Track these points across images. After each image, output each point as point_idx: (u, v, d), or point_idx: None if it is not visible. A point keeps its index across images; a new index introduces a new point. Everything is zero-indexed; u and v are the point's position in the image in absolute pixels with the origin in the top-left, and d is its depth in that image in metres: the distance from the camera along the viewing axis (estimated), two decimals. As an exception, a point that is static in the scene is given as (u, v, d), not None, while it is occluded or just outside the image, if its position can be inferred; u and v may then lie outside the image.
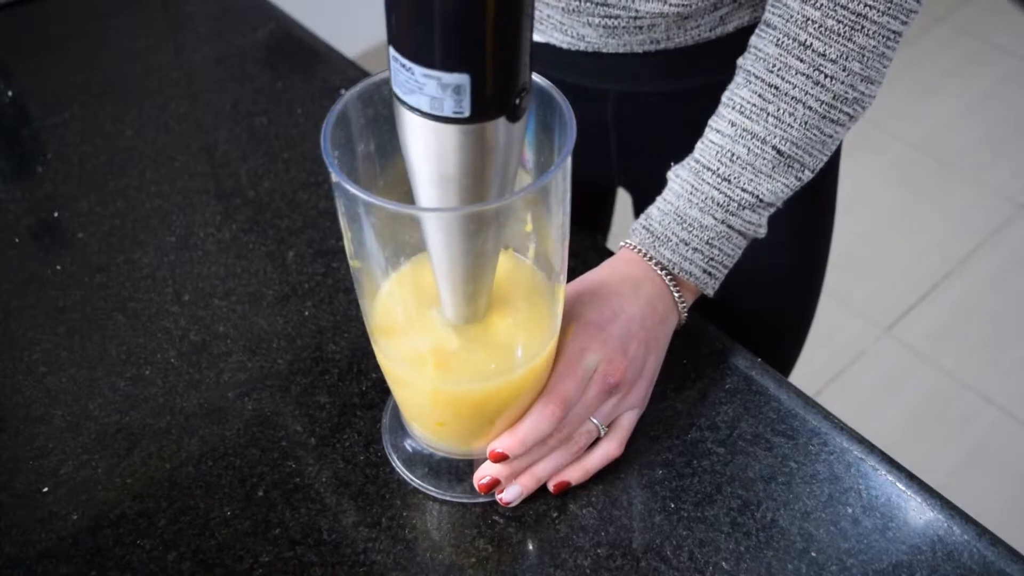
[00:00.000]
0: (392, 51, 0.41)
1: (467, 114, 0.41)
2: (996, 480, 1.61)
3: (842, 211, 0.91)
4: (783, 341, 0.91)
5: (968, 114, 2.32)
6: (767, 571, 0.56)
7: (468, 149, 0.43)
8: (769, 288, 0.85)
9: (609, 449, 0.60)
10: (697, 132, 0.65)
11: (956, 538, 0.57)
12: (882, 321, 1.86)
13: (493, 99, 0.41)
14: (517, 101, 0.42)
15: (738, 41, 0.68)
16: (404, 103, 0.42)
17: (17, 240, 0.78)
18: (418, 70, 0.40)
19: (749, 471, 0.60)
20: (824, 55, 0.60)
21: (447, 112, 0.41)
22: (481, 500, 0.59)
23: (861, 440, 0.62)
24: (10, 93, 0.94)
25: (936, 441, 1.67)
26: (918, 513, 0.58)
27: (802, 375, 0.88)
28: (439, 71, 0.40)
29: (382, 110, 0.49)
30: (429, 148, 0.43)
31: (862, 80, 0.61)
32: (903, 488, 0.59)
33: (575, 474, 0.59)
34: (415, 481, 0.60)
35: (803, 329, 0.92)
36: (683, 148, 0.66)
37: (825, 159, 0.64)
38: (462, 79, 0.40)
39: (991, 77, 2.42)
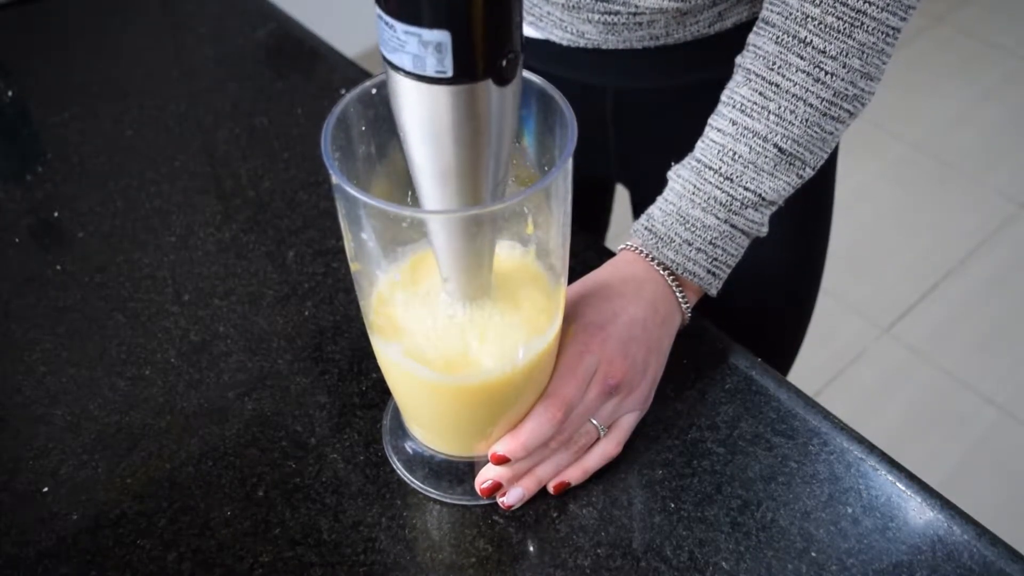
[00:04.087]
0: (377, 9, 0.41)
1: (450, 73, 0.41)
2: (996, 480, 1.61)
3: (842, 211, 0.91)
4: (782, 339, 0.91)
5: (968, 114, 2.32)
6: (767, 571, 0.56)
7: (455, 112, 0.42)
8: (768, 286, 0.85)
9: (607, 449, 0.60)
10: (696, 128, 0.65)
11: (956, 538, 0.57)
12: (882, 321, 1.86)
13: (477, 59, 0.41)
14: (504, 63, 0.42)
15: (737, 37, 0.68)
16: (389, 63, 0.42)
17: (17, 240, 0.78)
18: (399, 27, 0.40)
19: (749, 471, 0.60)
20: (824, 52, 0.60)
21: (430, 71, 0.41)
22: (483, 502, 0.59)
23: (861, 440, 0.62)
24: (10, 93, 0.94)
25: (936, 441, 1.67)
26: (918, 513, 0.58)
27: (802, 375, 0.88)
28: (419, 27, 0.39)
29: (383, 111, 0.49)
30: (416, 112, 0.43)
31: (862, 77, 0.61)
32: (903, 488, 0.59)
33: (574, 474, 0.59)
34: (415, 483, 0.60)
35: (802, 328, 0.92)
36: (682, 144, 0.66)
37: (825, 156, 0.64)
38: (443, 36, 0.39)
39: (991, 77, 2.42)
